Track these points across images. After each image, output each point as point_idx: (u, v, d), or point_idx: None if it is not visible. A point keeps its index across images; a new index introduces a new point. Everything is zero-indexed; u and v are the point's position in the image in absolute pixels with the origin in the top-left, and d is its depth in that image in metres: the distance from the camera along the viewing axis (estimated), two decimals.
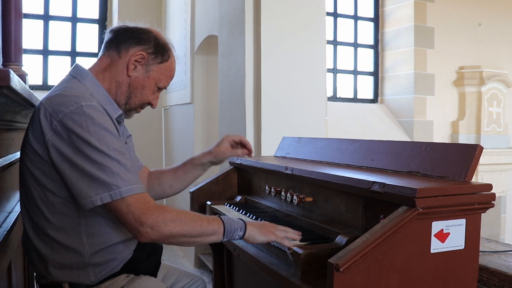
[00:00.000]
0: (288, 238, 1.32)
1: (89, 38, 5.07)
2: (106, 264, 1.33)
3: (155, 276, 1.52)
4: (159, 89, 1.47)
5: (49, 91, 1.34)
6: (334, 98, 5.43)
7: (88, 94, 1.29)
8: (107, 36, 1.44)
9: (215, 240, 1.30)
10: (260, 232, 1.31)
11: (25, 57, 2.55)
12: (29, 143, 1.26)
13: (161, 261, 1.59)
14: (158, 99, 1.50)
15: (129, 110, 1.45)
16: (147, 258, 1.47)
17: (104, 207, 1.21)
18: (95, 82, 1.37)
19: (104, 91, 1.38)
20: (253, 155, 1.79)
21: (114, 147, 1.21)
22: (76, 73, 1.38)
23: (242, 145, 1.75)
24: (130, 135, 1.58)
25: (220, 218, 1.30)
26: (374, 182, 1.20)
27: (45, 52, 4.83)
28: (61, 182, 1.23)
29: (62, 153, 1.20)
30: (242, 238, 1.31)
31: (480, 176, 5.36)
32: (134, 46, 1.39)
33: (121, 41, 1.40)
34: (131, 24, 1.45)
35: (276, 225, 1.36)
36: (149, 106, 1.51)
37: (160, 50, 1.43)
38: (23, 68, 2.10)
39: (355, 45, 5.63)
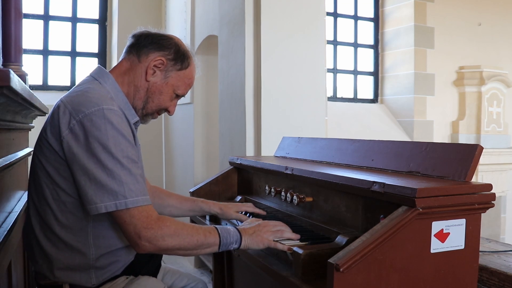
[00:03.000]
0: (285, 238, 1.33)
1: (89, 38, 5.06)
2: (108, 267, 1.33)
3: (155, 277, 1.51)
4: (177, 96, 1.48)
5: (69, 91, 1.35)
6: (334, 98, 5.43)
7: (109, 98, 1.30)
8: (129, 40, 1.45)
9: (210, 252, 1.31)
10: (254, 241, 1.32)
11: (25, 57, 2.56)
12: (47, 140, 1.26)
13: (162, 263, 1.58)
14: (175, 106, 1.51)
15: (145, 114, 1.46)
16: (148, 262, 1.47)
17: (108, 213, 1.22)
18: (115, 86, 1.38)
19: (123, 96, 1.39)
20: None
21: (128, 155, 1.22)
22: (98, 75, 1.38)
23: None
24: (139, 144, 1.59)
25: (217, 230, 1.30)
26: (374, 182, 1.20)
27: (45, 52, 4.82)
28: (73, 181, 1.24)
29: (74, 154, 1.20)
30: (237, 249, 1.33)
31: (480, 176, 5.36)
32: (154, 52, 1.40)
33: (142, 46, 1.41)
34: (153, 30, 1.46)
35: (271, 225, 1.36)
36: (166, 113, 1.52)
37: (180, 57, 1.43)
38: (23, 68, 2.11)
39: (355, 45, 5.63)
